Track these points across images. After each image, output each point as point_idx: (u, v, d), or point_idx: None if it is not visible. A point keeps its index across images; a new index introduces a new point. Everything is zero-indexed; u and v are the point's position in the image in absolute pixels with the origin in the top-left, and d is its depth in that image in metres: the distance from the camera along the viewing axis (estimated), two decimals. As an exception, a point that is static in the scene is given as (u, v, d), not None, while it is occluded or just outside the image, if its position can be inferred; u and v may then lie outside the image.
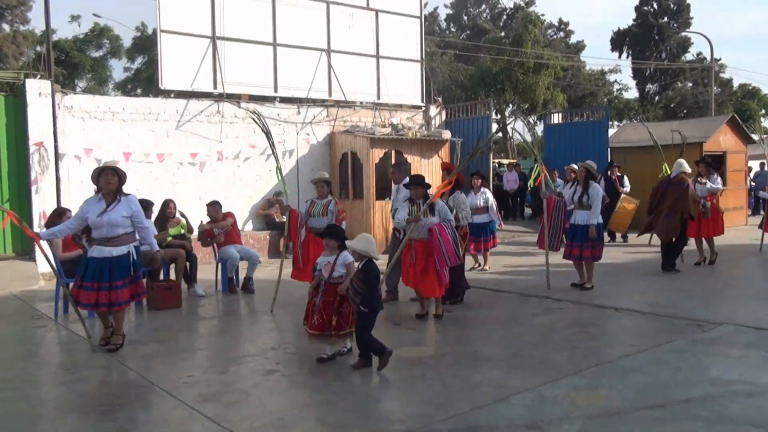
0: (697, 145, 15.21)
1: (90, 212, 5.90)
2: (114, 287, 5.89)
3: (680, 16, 43.33)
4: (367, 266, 5.31)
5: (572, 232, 8.51)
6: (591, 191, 8.37)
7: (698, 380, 4.86)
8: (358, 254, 5.31)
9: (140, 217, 6.05)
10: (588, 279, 8.52)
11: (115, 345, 6.08)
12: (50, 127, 10.65)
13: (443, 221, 6.97)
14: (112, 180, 5.90)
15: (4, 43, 29.73)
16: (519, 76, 29.64)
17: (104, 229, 5.87)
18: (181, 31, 12.22)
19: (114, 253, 5.90)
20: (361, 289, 5.26)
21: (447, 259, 6.85)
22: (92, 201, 5.99)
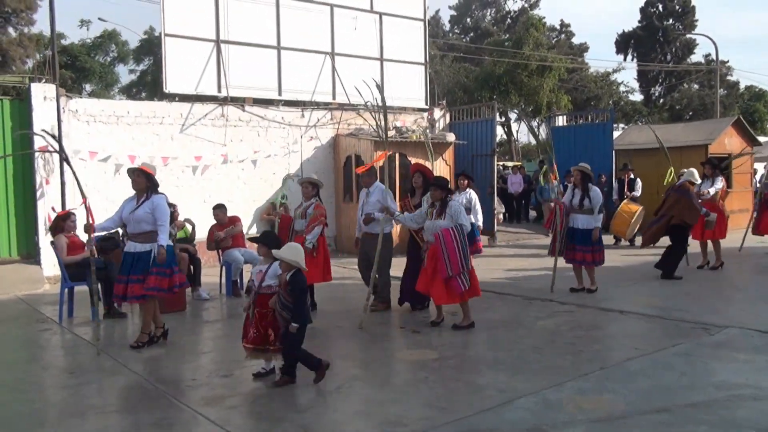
0: (702, 147, 15.17)
1: (124, 209, 6.38)
2: (131, 281, 6.15)
3: (685, 18, 43.25)
4: (294, 278, 4.97)
5: (572, 236, 8.39)
6: (592, 195, 8.28)
7: (704, 384, 4.83)
8: (287, 264, 4.98)
9: (160, 215, 6.21)
10: (591, 282, 8.47)
11: (137, 343, 6.28)
12: (55, 131, 10.67)
13: (455, 225, 6.62)
14: (138, 180, 6.30)
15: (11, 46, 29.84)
16: (523, 78, 29.61)
17: (132, 225, 6.27)
18: (186, 34, 12.25)
19: (138, 249, 6.22)
20: (288, 302, 4.93)
21: (448, 267, 6.47)
22: (129, 199, 6.44)
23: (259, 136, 12.89)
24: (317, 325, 7.23)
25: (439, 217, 6.72)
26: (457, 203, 6.91)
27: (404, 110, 14.98)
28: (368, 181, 7.89)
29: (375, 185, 7.79)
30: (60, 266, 7.94)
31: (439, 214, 6.72)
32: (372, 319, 7.36)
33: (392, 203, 7.67)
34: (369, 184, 7.85)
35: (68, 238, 7.90)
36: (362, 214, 7.73)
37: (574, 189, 8.50)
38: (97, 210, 11.08)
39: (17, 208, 10.67)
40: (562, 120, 18.04)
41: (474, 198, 10.05)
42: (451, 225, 6.62)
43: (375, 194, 7.70)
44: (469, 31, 45.33)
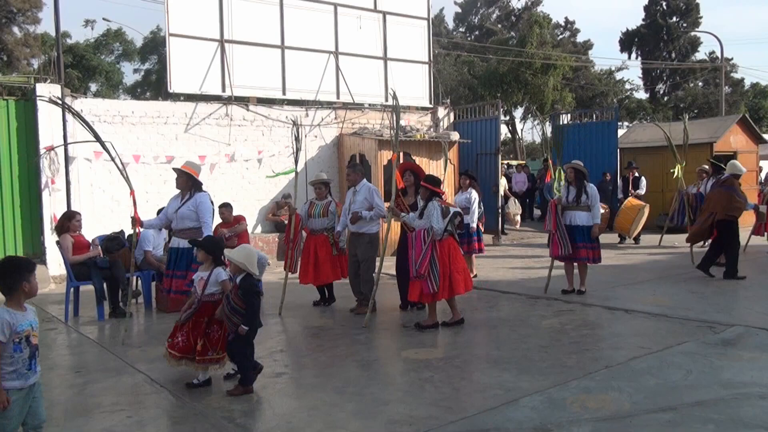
0: (707, 145, 15.13)
1: (170, 207, 6.69)
2: (175, 276, 6.48)
3: (689, 15, 43.10)
4: (246, 282, 4.81)
5: (572, 234, 8.21)
6: (589, 191, 8.17)
7: (710, 383, 4.82)
8: (237, 267, 4.81)
9: (202, 212, 6.48)
10: (581, 282, 8.30)
11: None
12: (60, 131, 10.72)
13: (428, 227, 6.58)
14: (179, 179, 6.63)
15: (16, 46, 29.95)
16: (527, 76, 29.58)
17: (176, 222, 6.58)
18: (190, 34, 12.27)
19: (182, 245, 6.48)
20: (240, 307, 4.77)
21: (415, 270, 6.46)
22: (174, 197, 6.77)
23: (264, 136, 12.90)
24: (322, 324, 7.25)
25: (420, 216, 6.74)
26: (434, 206, 6.72)
27: (408, 109, 14.97)
28: (354, 179, 7.77)
29: (362, 183, 7.71)
30: (65, 266, 7.96)
31: (421, 214, 6.73)
32: (376, 319, 7.37)
33: (380, 201, 7.64)
34: (355, 183, 7.74)
35: (73, 238, 7.92)
36: (349, 213, 7.60)
37: (569, 186, 8.38)
38: (103, 210, 11.23)
39: (23, 208, 10.70)
40: (566, 118, 18.01)
41: (474, 198, 9.90)
42: (426, 226, 6.61)
43: (362, 193, 7.62)
44: (474, 29, 45.29)
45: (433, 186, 6.75)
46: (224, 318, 4.86)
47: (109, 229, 9.81)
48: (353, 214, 7.48)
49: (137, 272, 8.39)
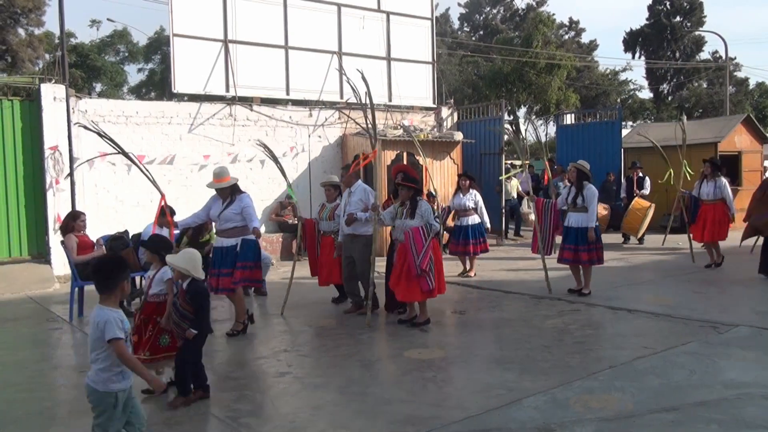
0: (712, 144, 15.09)
1: (212, 209, 6.89)
2: (221, 274, 6.66)
3: (693, 14, 43.01)
4: (193, 286, 4.70)
5: (566, 235, 8.19)
6: (586, 193, 8.04)
7: (713, 383, 4.81)
8: (181, 273, 4.68)
9: (249, 215, 6.72)
10: (585, 284, 8.22)
11: (233, 331, 6.73)
12: (65, 132, 10.75)
13: (425, 225, 6.68)
14: (223, 192, 6.82)
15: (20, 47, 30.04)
16: (531, 76, 29.55)
17: (219, 223, 6.80)
18: (194, 35, 12.29)
19: (225, 244, 6.72)
20: (189, 312, 4.64)
21: (417, 265, 6.52)
22: (214, 199, 6.96)
23: (267, 136, 12.90)
24: (325, 323, 7.26)
25: (409, 216, 6.77)
26: (427, 204, 6.91)
27: (411, 109, 14.97)
28: (350, 181, 7.77)
29: (357, 185, 7.70)
30: (70, 265, 7.99)
31: (410, 214, 6.77)
32: (378, 319, 7.38)
33: (375, 202, 7.62)
34: (350, 184, 7.73)
35: (78, 238, 7.94)
36: (344, 215, 7.57)
37: (570, 186, 8.32)
38: (107, 211, 11.25)
39: (28, 208, 10.74)
40: (570, 118, 17.99)
41: (480, 199, 9.95)
42: (421, 224, 6.67)
43: (357, 194, 7.61)
44: (479, 28, 45.27)
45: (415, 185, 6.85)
46: (172, 326, 4.72)
47: (113, 229, 9.84)
48: (348, 216, 7.43)
49: (140, 272, 8.41)
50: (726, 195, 10.04)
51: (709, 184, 10.11)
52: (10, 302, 9.07)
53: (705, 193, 10.09)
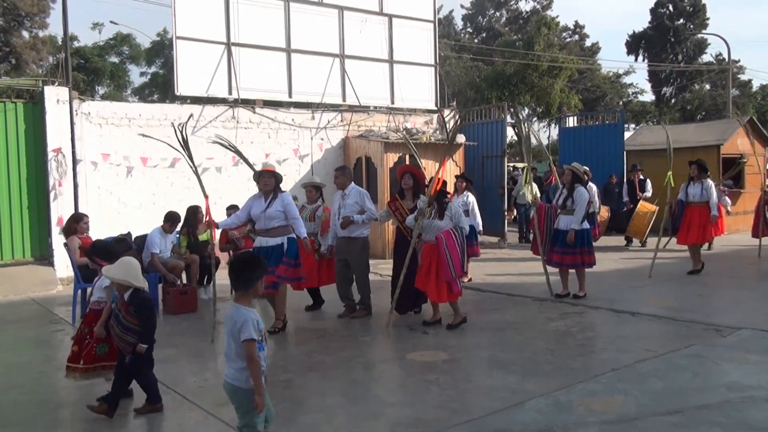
0: (714, 147, 15.07)
1: (253, 207, 6.85)
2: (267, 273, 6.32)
3: (696, 17, 42.97)
4: (136, 297, 4.50)
5: (555, 238, 8.11)
6: (576, 195, 7.98)
7: (716, 386, 4.80)
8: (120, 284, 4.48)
9: (292, 211, 6.75)
10: (580, 287, 8.15)
11: (274, 328, 6.81)
12: (68, 134, 10.77)
13: (455, 227, 6.72)
14: (269, 182, 6.79)
15: (24, 49, 30.12)
16: (534, 79, 29.55)
17: (262, 222, 6.75)
18: (197, 37, 12.32)
19: (269, 243, 6.71)
20: (134, 324, 4.45)
21: (452, 271, 6.55)
22: (255, 198, 6.93)
23: (270, 138, 12.93)
24: (326, 326, 7.26)
25: (437, 217, 6.74)
26: (456, 205, 6.96)
27: (414, 112, 14.98)
28: (343, 183, 7.67)
29: (350, 187, 7.64)
30: (73, 268, 8.01)
31: (438, 214, 6.74)
32: (380, 321, 7.37)
33: (371, 205, 7.62)
34: (344, 186, 7.65)
35: (81, 240, 7.95)
36: (339, 217, 7.50)
37: (563, 188, 8.24)
38: (110, 213, 11.27)
39: (31, 210, 10.76)
40: (572, 121, 17.99)
41: (472, 201, 9.81)
42: (450, 226, 6.67)
43: (352, 196, 7.54)
44: (482, 30, 45.30)
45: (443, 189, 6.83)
46: (116, 339, 4.55)
47: (116, 231, 9.85)
48: (344, 219, 7.38)
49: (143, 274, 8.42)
50: (711, 197, 9.88)
51: (696, 185, 9.99)
52: (13, 304, 9.09)
53: (692, 195, 9.98)
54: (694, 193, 9.96)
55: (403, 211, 7.36)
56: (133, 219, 11.15)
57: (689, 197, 10.00)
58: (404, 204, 7.41)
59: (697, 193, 9.93)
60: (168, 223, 8.59)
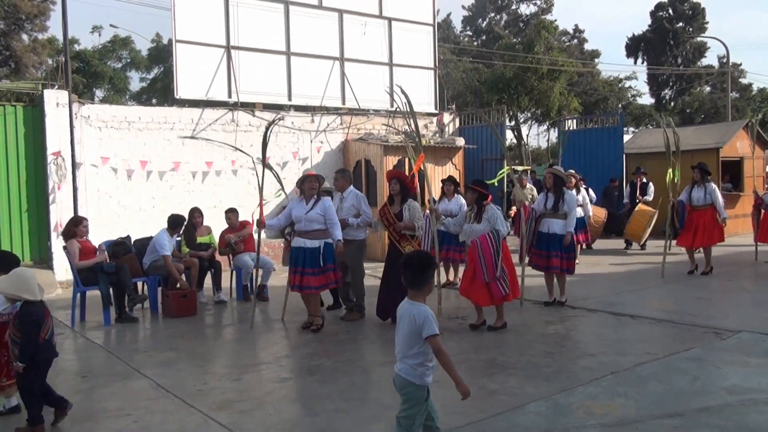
0: (714, 150, 15.07)
1: (294, 210, 7.05)
2: (305, 273, 6.83)
3: (695, 20, 43.07)
4: (22, 311, 4.29)
5: (546, 242, 7.96)
6: (567, 198, 7.94)
7: (716, 389, 4.80)
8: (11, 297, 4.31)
9: (331, 215, 6.92)
10: (562, 292, 8.09)
11: (316, 326, 7.00)
12: (68, 137, 10.78)
13: (491, 230, 6.73)
14: (314, 186, 7.00)
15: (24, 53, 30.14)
16: (533, 82, 29.57)
17: (303, 224, 6.93)
18: (196, 41, 12.34)
19: (308, 245, 6.88)
20: (17, 337, 4.28)
21: (485, 274, 6.64)
22: (296, 201, 7.14)
23: (269, 141, 12.91)
24: (326, 329, 7.25)
25: (475, 220, 6.84)
26: (494, 208, 6.93)
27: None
28: (342, 185, 7.75)
29: (348, 190, 7.72)
30: (72, 271, 8.00)
31: (476, 218, 6.84)
32: (380, 324, 7.37)
33: (367, 209, 7.70)
34: (343, 188, 7.73)
35: (80, 243, 7.95)
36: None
37: (547, 193, 8.12)
38: (109, 215, 11.27)
39: (30, 213, 10.76)
40: (572, 124, 18.01)
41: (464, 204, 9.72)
42: (487, 230, 6.74)
43: (349, 199, 7.63)
44: (482, 33, 45.35)
45: (482, 189, 6.93)
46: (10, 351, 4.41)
47: (115, 234, 9.86)
48: (341, 221, 7.36)
49: (143, 278, 8.42)
50: (716, 200, 9.90)
51: (699, 189, 10.01)
52: (12, 307, 9.07)
53: (696, 199, 9.99)
54: (698, 197, 9.99)
55: (390, 217, 7.36)
56: (133, 222, 11.16)
57: (693, 201, 10.02)
58: (391, 209, 7.41)
59: (700, 196, 9.97)
60: (172, 228, 8.59)
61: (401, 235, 7.29)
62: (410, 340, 3.39)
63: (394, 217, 7.33)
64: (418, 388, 3.40)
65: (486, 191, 6.99)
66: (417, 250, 3.72)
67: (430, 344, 3.35)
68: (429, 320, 3.35)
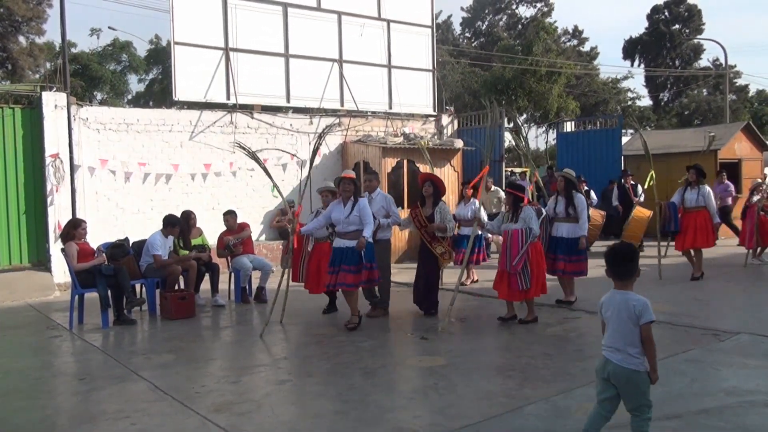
0: (711, 152, 15.08)
1: (333, 212, 7.24)
2: (341, 270, 7.01)
3: (692, 22, 43.18)
4: None
5: (554, 245, 8.00)
6: (577, 202, 7.96)
7: (715, 390, 4.80)
8: None
9: (365, 214, 7.07)
10: (570, 292, 8.14)
11: (352, 324, 7.16)
12: (66, 139, 10.77)
13: (525, 228, 6.99)
14: (348, 188, 7.18)
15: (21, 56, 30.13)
16: (531, 84, 29.61)
17: (342, 225, 7.11)
18: (195, 43, 12.34)
19: (347, 245, 7.04)
20: None
21: (507, 263, 6.93)
22: (335, 204, 7.31)
23: (268, 143, 12.93)
24: (325, 331, 7.25)
25: (512, 221, 7.13)
26: (530, 209, 7.17)
27: (412, 117, 15.01)
28: (374, 186, 7.94)
29: (377, 191, 7.91)
30: (70, 273, 7.99)
31: (513, 219, 7.11)
32: (380, 326, 7.38)
33: (396, 209, 7.91)
34: (373, 190, 7.89)
35: (78, 246, 7.94)
36: None
37: (557, 196, 8.13)
38: (107, 218, 11.26)
39: (28, 216, 10.74)
40: (570, 126, 18.03)
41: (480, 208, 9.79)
42: (522, 228, 7.00)
43: (378, 201, 7.81)
44: (480, 35, 45.40)
45: (518, 192, 7.22)
46: None
47: (114, 236, 9.85)
48: None
49: (141, 280, 8.41)
50: (710, 204, 9.80)
51: (693, 191, 9.92)
52: (10, 310, 9.07)
53: (689, 200, 9.87)
54: (691, 198, 9.86)
55: (422, 219, 7.68)
56: (131, 224, 11.16)
57: (686, 202, 9.93)
58: (423, 211, 7.73)
59: (694, 198, 9.85)
60: (168, 227, 8.59)
61: (433, 237, 7.66)
62: (627, 328, 3.58)
63: (426, 220, 7.65)
64: (644, 374, 3.55)
65: (522, 194, 7.26)
66: (617, 244, 3.91)
67: (644, 331, 3.53)
68: (648, 307, 3.56)
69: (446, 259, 7.92)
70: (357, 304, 7.28)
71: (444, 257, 7.82)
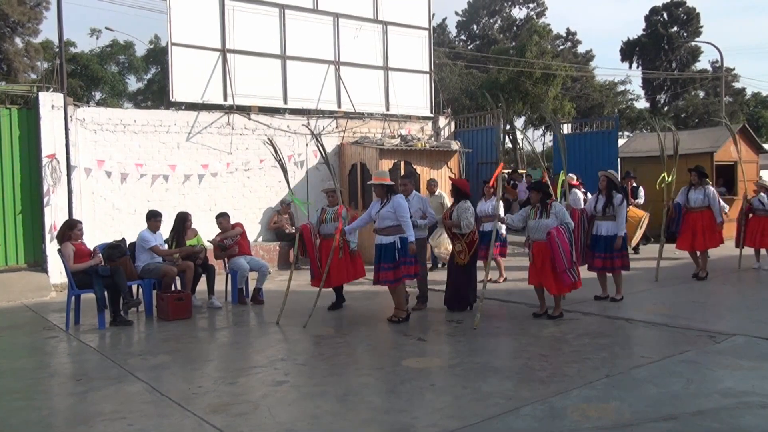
0: (708, 154, 15.13)
1: (372, 209, 7.59)
2: (381, 268, 7.38)
3: (690, 25, 43.30)
4: None
5: (595, 243, 8.35)
6: (615, 201, 8.27)
7: (711, 392, 4.81)
8: None
9: (401, 212, 7.32)
10: (618, 290, 8.40)
11: (397, 318, 7.47)
12: (62, 140, 10.76)
13: (561, 224, 7.28)
14: (377, 191, 7.53)
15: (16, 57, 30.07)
16: (528, 86, 29.66)
17: (378, 222, 7.45)
18: (192, 44, 12.33)
19: (383, 241, 7.40)
20: None
21: (564, 261, 7.13)
22: (375, 202, 7.65)
23: (265, 144, 12.92)
24: (322, 332, 7.25)
25: (542, 216, 7.40)
26: (560, 205, 7.51)
27: (409, 119, 15.02)
28: (410, 189, 8.30)
29: (413, 194, 8.26)
30: (67, 274, 7.98)
31: (542, 214, 7.40)
32: (378, 327, 7.38)
33: (431, 210, 8.35)
34: (409, 193, 8.24)
35: (75, 246, 7.93)
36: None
37: (598, 195, 8.49)
38: (104, 219, 11.25)
39: (24, 216, 10.73)
40: (566, 128, 18.05)
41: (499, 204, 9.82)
42: (557, 224, 7.28)
43: (415, 203, 8.15)
44: (476, 38, 45.45)
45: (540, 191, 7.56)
46: None
47: (110, 237, 9.84)
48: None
49: (137, 281, 8.40)
50: (714, 204, 9.89)
51: (697, 191, 10.00)
52: (6, 310, 9.05)
53: (693, 200, 9.97)
54: (695, 198, 9.98)
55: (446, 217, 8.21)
56: (128, 225, 11.14)
57: (690, 203, 10.01)
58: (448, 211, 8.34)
59: (698, 198, 9.96)
60: (151, 220, 8.61)
61: (453, 234, 8.05)
62: None
63: (449, 217, 8.10)
64: None
65: (548, 191, 7.62)
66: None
67: None
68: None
69: (462, 258, 8.05)
70: (402, 299, 7.54)
71: (460, 256, 8.04)
